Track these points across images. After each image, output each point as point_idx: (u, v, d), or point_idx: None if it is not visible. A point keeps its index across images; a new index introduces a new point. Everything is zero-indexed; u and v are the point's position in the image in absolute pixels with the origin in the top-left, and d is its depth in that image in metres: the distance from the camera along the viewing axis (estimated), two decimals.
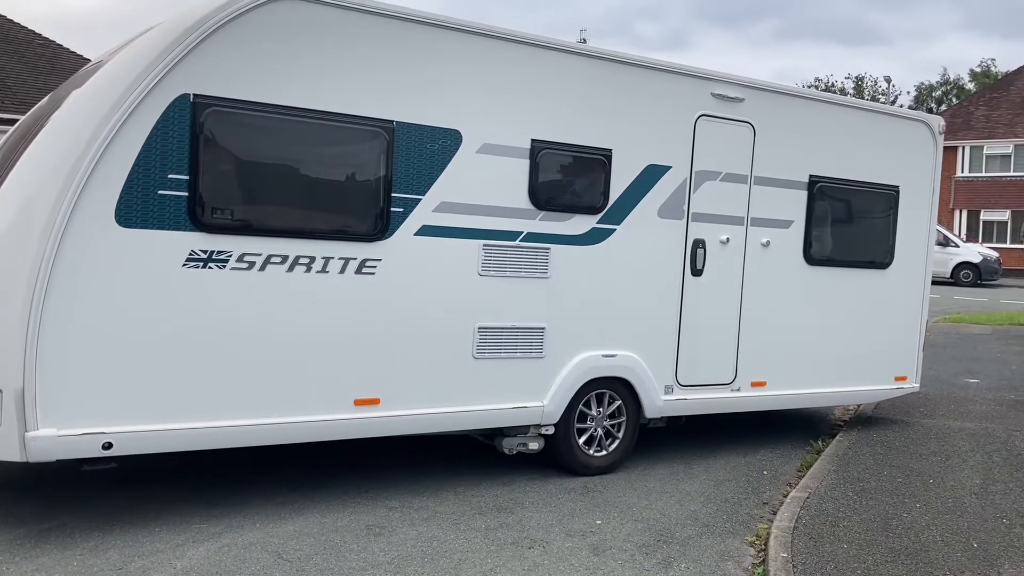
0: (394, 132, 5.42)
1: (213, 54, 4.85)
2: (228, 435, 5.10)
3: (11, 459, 4.60)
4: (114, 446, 4.74)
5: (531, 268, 6.00)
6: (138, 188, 4.70)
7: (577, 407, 6.35)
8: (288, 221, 5.19)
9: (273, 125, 5.09)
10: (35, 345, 4.50)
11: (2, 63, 18.12)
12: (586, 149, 6.21)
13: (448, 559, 4.85)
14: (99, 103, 4.66)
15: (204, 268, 4.92)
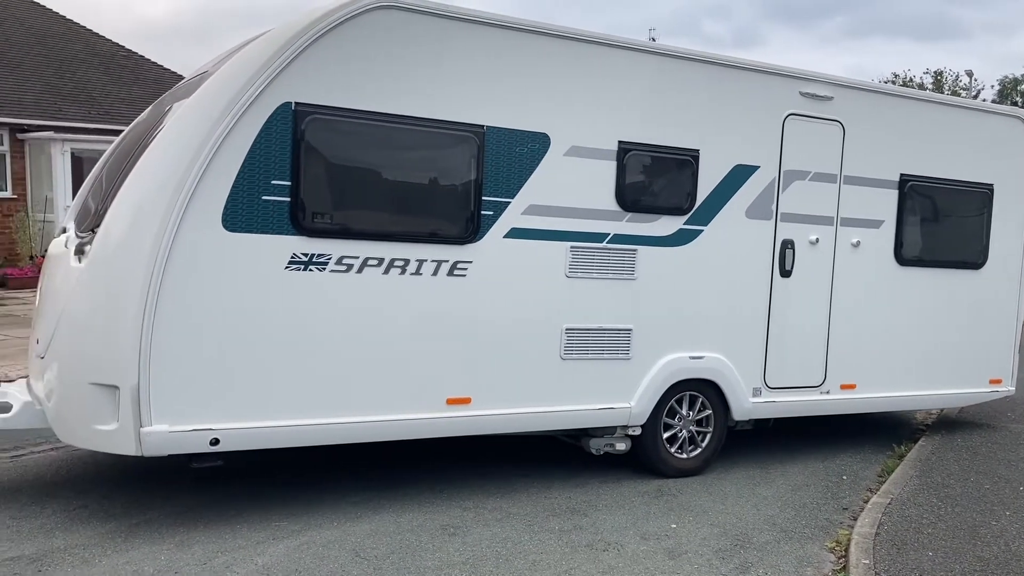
0: (484, 136, 5.55)
1: (313, 63, 5.04)
2: (327, 432, 5.28)
3: (127, 453, 4.85)
4: (221, 442, 4.96)
5: (618, 270, 6.06)
6: (243, 194, 4.92)
7: (664, 409, 6.39)
8: (384, 225, 5.37)
9: (369, 131, 5.26)
10: (149, 344, 4.75)
11: (89, 75, 18.98)
12: (673, 150, 6.24)
13: (523, 560, 4.94)
14: (206, 114, 4.88)
15: (305, 270, 5.12)
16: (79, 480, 5.92)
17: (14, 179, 16.67)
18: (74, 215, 5.98)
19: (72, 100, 17.83)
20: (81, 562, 4.64)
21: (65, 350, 5.11)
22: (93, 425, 4.90)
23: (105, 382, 4.83)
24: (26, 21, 19.53)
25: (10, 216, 16.46)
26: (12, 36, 18.77)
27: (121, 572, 4.54)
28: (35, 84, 17.73)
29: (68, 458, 6.33)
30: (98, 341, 4.91)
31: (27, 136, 16.60)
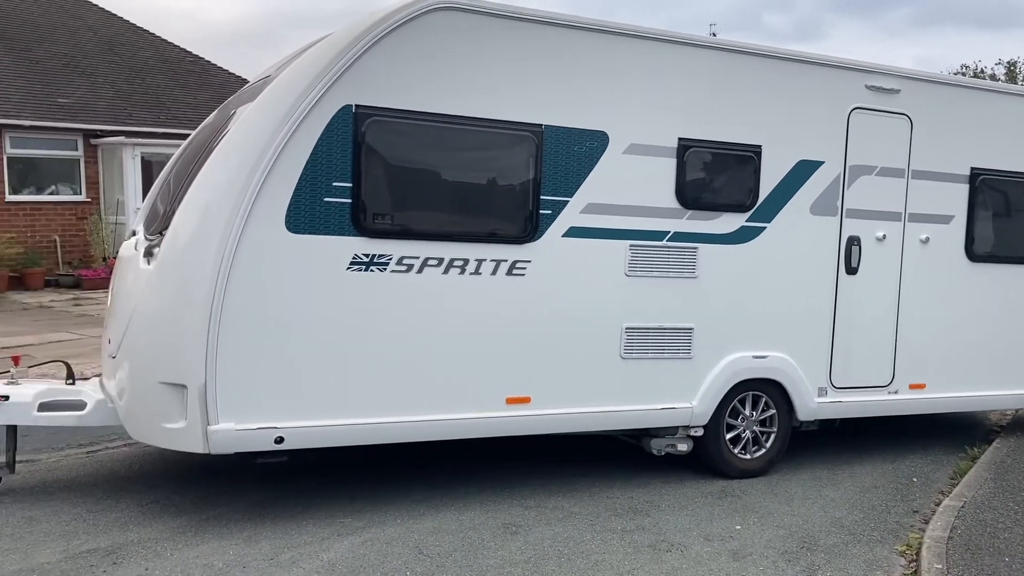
0: (543, 135, 5.55)
1: (373, 66, 5.10)
2: (388, 431, 5.35)
3: (195, 451, 4.98)
4: (285, 440, 5.06)
5: (678, 268, 6.01)
6: (306, 196, 5.00)
7: (727, 409, 6.31)
8: (443, 225, 5.41)
9: (428, 132, 5.31)
10: (215, 344, 4.86)
11: (157, 80, 19.49)
12: (734, 146, 6.16)
13: (585, 560, 4.93)
14: (269, 117, 4.98)
15: (366, 271, 5.19)
16: (151, 476, 6.09)
17: (88, 183, 17.21)
18: (143, 218, 6.14)
19: (142, 106, 18.33)
20: (153, 555, 4.76)
21: (135, 350, 5.25)
22: (162, 423, 5.03)
23: (174, 381, 4.96)
24: (99, 30, 20.14)
25: (84, 219, 16.99)
26: (85, 45, 19.37)
27: (191, 566, 4.64)
28: (107, 91, 18.26)
29: (140, 454, 6.51)
30: (167, 341, 5.04)
31: (100, 141, 17.12)
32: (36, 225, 16.59)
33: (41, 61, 18.07)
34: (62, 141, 16.89)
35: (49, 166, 16.98)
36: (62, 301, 14.55)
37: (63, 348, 9.98)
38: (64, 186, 17.12)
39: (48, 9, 19.86)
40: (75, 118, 16.98)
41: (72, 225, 16.96)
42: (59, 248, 16.80)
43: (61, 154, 16.98)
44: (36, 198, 16.71)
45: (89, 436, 6.71)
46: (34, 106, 16.69)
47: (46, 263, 16.46)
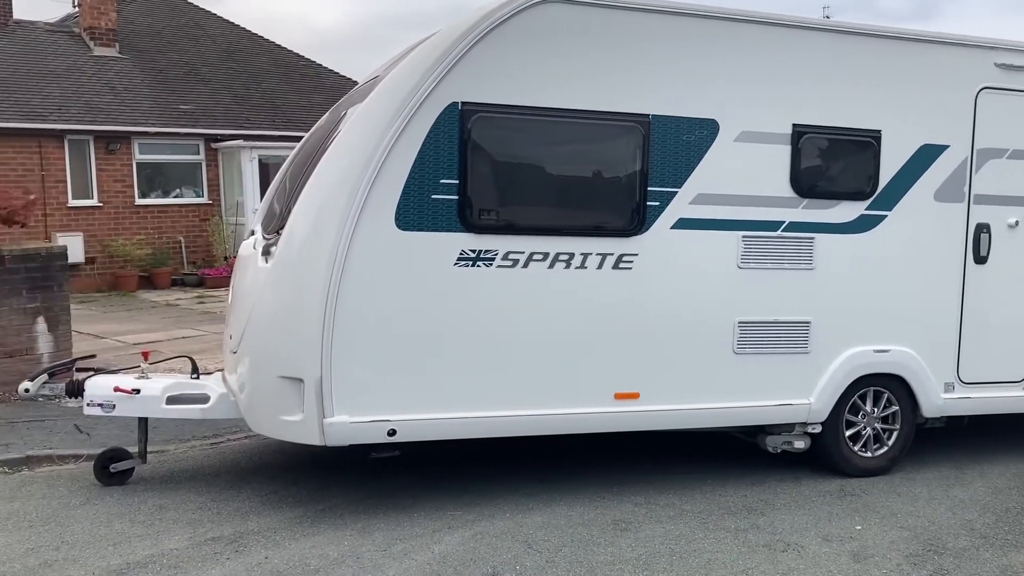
0: (650, 125, 5.46)
1: (478, 62, 5.13)
2: (499, 425, 5.38)
3: (311, 443, 5.13)
4: (397, 433, 5.15)
5: (794, 259, 5.82)
6: (414, 194, 5.08)
7: (847, 405, 6.08)
8: (548, 219, 5.41)
9: (533, 127, 5.31)
10: (330, 339, 4.99)
11: (273, 85, 20.16)
12: (852, 131, 5.92)
13: (697, 558, 4.83)
14: (378, 117, 5.07)
15: (473, 267, 5.22)
16: (270, 467, 6.30)
17: (209, 186, 17.97)
18: (261, 218, 6.35)
19: (258, 110, 19.00)
20: (273, 544, 4.92)
21: (255, 345, 5.44)
22: (280, 416, 5.19)
23: (291, 375, 5.10)
24: (218, 38, 20.97)
25: (206, 220, 17.75)
26: (206, 53, 20.21)
27: (308, 556, 4.78)
28: (226, 97, 19.01)
29: (260, 446, 6.74)
30: (284, 337, 5.20)
31: (220, 145, 17.84)
32: (163, 227, 17.43)
33: (165, 70, 18.96)
34: (185, 146, 17.69)
35: (173, 170, 17.82)
36: (187, 299, 15.24)
37: (188, 344, 10.45)
38: (187, 189, 17.92)
39: (172, 20, 20.81)
40: (197, 124, 17.75)
41: (195, 226, 17.75)
42: (184, 248, 17.60)
43: (184, 158, 17.80)
44: (162, 201, 17.56)
45: (213, 428, 6.98)
46: (159, 113, 17.53)
47: (172, 263, 17.28)
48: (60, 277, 8.56)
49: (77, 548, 4.85)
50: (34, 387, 5.92)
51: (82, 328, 11.25)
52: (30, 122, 15.88)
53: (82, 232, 16.35)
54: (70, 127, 16.23)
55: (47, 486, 5.87)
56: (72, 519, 5.28)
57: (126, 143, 16.93)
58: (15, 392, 7.66)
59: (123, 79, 18.04)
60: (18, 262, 8.26)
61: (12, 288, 8.20)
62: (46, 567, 4.61)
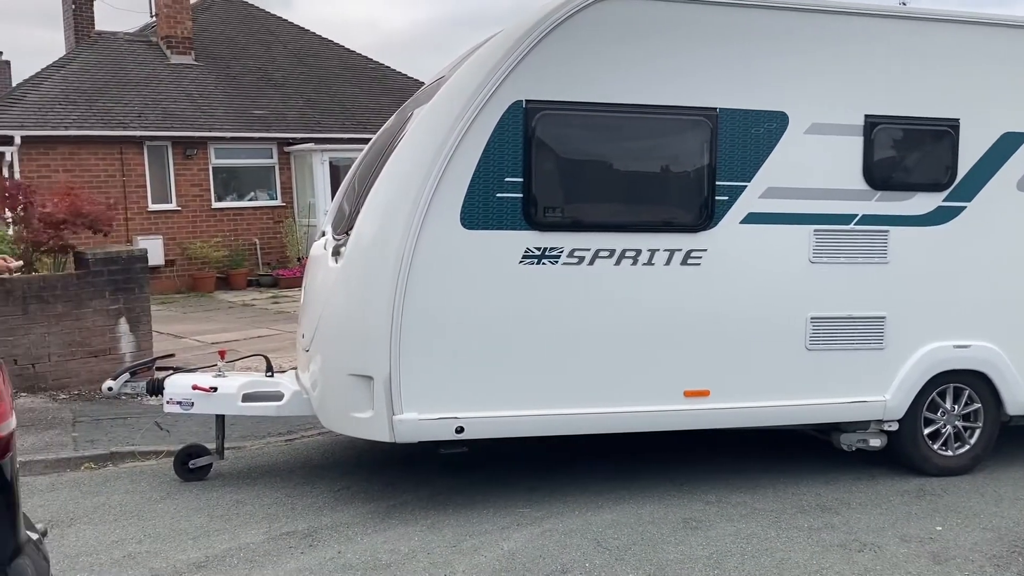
0: (717, 119, 5.39)
1: (541, 60, 5.13)
2: (565, 423, 5.39)
3: (381, 439, 5.22)
4: (465, 430, 5.20)
5: (868, 253, 5.68)
6: (479, 193, 5.11)
7: (925, 402, 5.91)
8: (614, 215, 5.39)
9: (598, 123, 5.31)
10: (398, 337, 5.06)
11: (342, 88, 20.48)
12: (928, 121, 5.76)
13: (769, 557, 4.75)
14: (442, 117, 5.13)
15: (538, 264, 5.23)
16: (342, 463, 6.41)
17: (282, 188, 18.35)
18: (331, 219, 6.46)
19: (328, 113, 19.33)
20: (345, 539, 5.01)
21: (326, 344, 5.54)
22: (351, 413, 5.28)
23: (361, 373, 5.19)
24: (289, 43, 21.40)
25: (280, 222, 18.13)
26: (277, 58, 20.65)
27: (379, 551, 4.85)
28: (298, 101, 19.39)
29: (332, 443, 6.87)
30: (354, 335, 5.29)
31: (292, 149, 18.21)
32: (238, 229, 17.87)
33: (238, 76, 19.42)
34: (258, 150, 18.11)
35: (247, 173, 18.25)
36: (262, 299, 15.60)
37: (263, 343, 10.70)
38: (261, 192, 18.34)
39: (244, 27, 21.30)
40: (270, 128, 18.15)
41: (269, 228, 18.15)
42: (258, 250, 18.02)
43: (258, 162, 18.22)
44: (237, 204, 18.00)
45: (287, 425, 7.14)
46: (234, 118, 17.98)
47: (247, 264, 17.71)
48: (141, 279, 8.86)
49: (159, 541, 5.02)
50: (116, 385, 6.14)
51: (162, 328, 11.60)
52: (112, 130, 16.46)
53: (161, 235, 16.87)
54: (149, 134, 16.78)
55: (130, 481, 6.08)
56: (154, 513, 5.45)
57: (202, 148, 17.41)
58: (99, 390, 7.95)
59: (199, 86, 18.54)
60: (101, 265, 8.58)
61: (96, 290, 8.51)
62: (130, 559, 4.78)
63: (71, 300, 8.38)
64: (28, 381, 8.19)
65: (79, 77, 17.48)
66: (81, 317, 8.44)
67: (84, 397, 8.23)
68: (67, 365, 8.38)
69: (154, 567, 4.68)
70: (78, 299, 8.42)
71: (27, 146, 15.59)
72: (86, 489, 5.93)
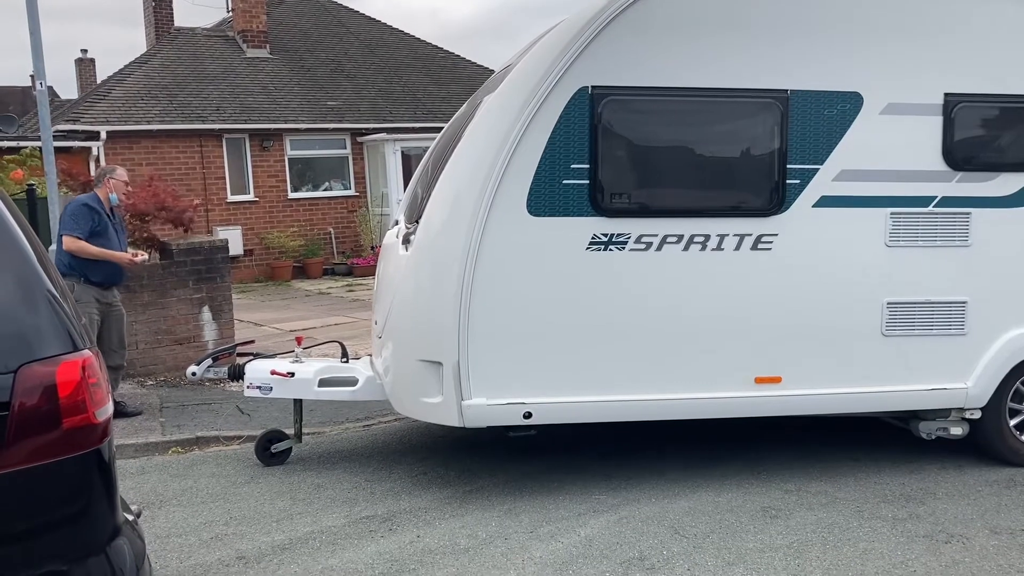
0: (788, 101, 5.31)
1: (607, 46, 5.13)
2: (633, 409, 5.40)
3: (451, 424, 5.30)
4: (533, 415, 5.24)
5: (948, 236, 5.52)
6: (545, 179, 5.14)
7: (1010, 390, 5.73)
8: (682, 201, 5.37)
9: (664, 108, 5.29)
10: (467, 323, 5.13)
11: (413, 78, 20.65)
12: (1011, 98, 5.57)
13: (852, 548, 4.66)
14: (509, 105, 5.16)
15: (605, 251, 5.23)
16: (419, 448, 6.49)
17: (355, 178, 18.63)
18: (404, 208, 6.54)
19: (400, 103, 19.51)
20: (424, 523, 5.07)
21: (397, 330, 5.66)
22: (421, 398, 5.38)
23: (430, 359, 5.29)
24: (361, 35, 21.65)
25: (354, 212, 18.41)
26: (349, 50, 20.90)
27: (458, 535, 4.90)
28: (370, 91, 19.62)
29: (409, 428, 6.96)
30: (423, 322, 5.39)
31: (364, 139, 18.46)
32: (313, 219, 18.20)
33: (312, 68, 19.73)
34: (332, 140, 18.41)
35: (322, 164, 18.57)
36: (337, 288, 15.86)
37: (339, 331, 10.88)
38: (335, 182, 18.64)
39: (317, 19, 21.63)
40: (343, 119, 18.42)
41: (343, 218, 18.45)
42: (333, 239, 18.33)
43: (332, 153, 18.52)
44: (312, 194, 18.33)
45: (365, 411, 7.25)
46: (308, 110, 18.29)
47: (323, 253, 18.04)
48: (222, 268, 9.10)
49: (244, 524, 5.15)
50: (200, 371, 6.37)
51: (242, 316, 11.90)
52: (191, 123, 16.93)
53: (240, 226, 17.29)
54: (227, 126, 17.19)
55: (215, 465, 6.26)
56: (238, 496, 5.60)
57: (278, 140, 17.77)
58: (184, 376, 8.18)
59: (274, 79, 18.91)
60: (184, 255, 8.83)
61: (179, 280, 8.78)
62: (217, 541, 4.92)
63: (156, 289, 8.66)
64: None
65: (160, 73, 17.99)
66: (166, 306, 8.71)
67: (170, 383, 8.50)
68: (154, 352, 8.66)
69: (240, 549, 4.81)
70: (163, 288, 8.69)
71: (112, 141, 16.12)
72: (174, 472, 6.13)
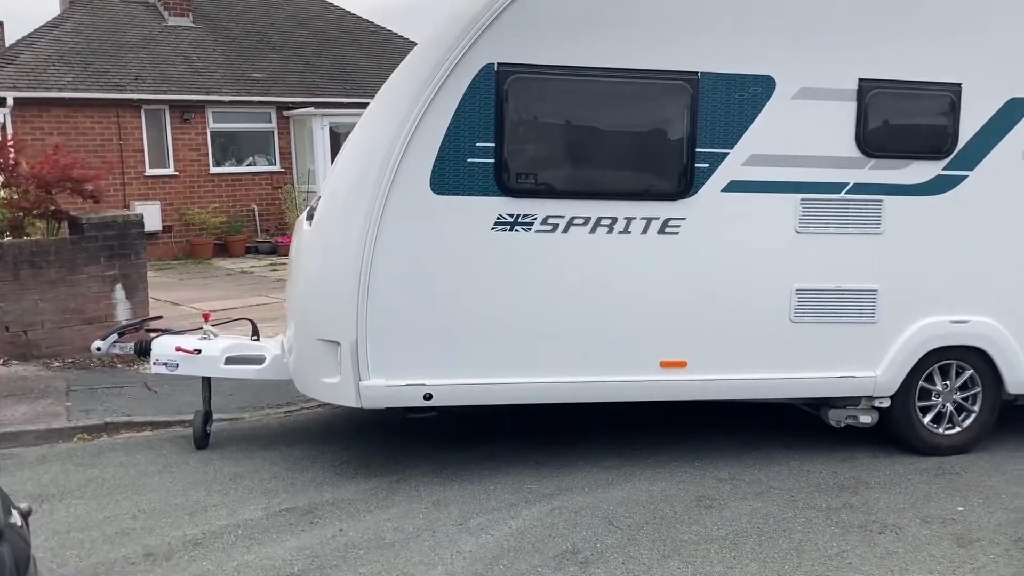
0: (698, 84, 5.28)
1: (514, 22, 5.05)
2: (537, 391, 5.38)
3: (348, 405, 5.25)
4: (434, 397, 5.21)
5: (860, 223, 5.54)
6: (449, 157, 5.07)
7: (919, 379, 5.82)
8: (589, 183, 5.36)
9: (572, 87, 5.24)
10: (365, 303, 5.07)
11: (343, 52, 20.14)
12: (927, 85, 5.60)
13: (788, 539, 4.60)
14: (411, 81, 5.09)
15: (511, 231, 5.19)
16: (345, 436, 6.29)
17: (281, 154, 18.10)
18: None
19: (329, 77, 19.02)
20: (348, 516, 4.87)
21: (299, 308, 5.62)
22: (321, 378, 5.33)
23: (329, 338, 5.23)
24: (288, 6, 21.05)
25: (279, 188, 17.90)
26: (277, 21, 20.30)
27: (383, 528, 4.70)
28: (297, 64, 19.08)
29: (334, 415, 6.74)
30: (323, 300, 5.33)
31: (291, 113, 17.95)
32: (236, 195, 17.64)
33: (237, 38, 19.11)
34: (257, 114, 17.85)
35: (246, 138, 18.01)
36: (261, 267, 15.40)
37: (261, 311, 10.53)
38: (260, 157, 18.09)
39: None
40: (268, 92, 17.87)
41: (268, 194, 17.93)
42: (257, 216, 17.82)
43: (256, 127, 17.96)
44: (236, 169, 17.78)
45: (287, 396, 6.98)
46: (232, 82, 17.69)
47: (246, 231, 17.53)
48: (137, 245, 8.70)
49: (154, 517, 4.88)
50: (105, 346, 6.23)
51: (160, 295, 11.44)
52: (108, 92, 16.20)
53: (159, 200, 16.67)
54: (146, 97, 16.51)
55: (125, 453, 5.95)
56: (149, 487, 5.31)
57: (200, 112, 17.15)
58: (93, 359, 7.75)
59: (197, 48, 18.24)
60: (96, 230, 8.41)
61: (90, 256, 8.36)
62: (123, 536, 4.63)
63: (65, 266, 8.24)
64: (20, 348, 8.08)
65: (73, 38, 17.17)
66: (76, 283, 8.31)
67: (79, 365, 8.10)
68: (61, 332, 8.25)
69: (148, 544, 4.54)
70: (72, 265, 8.27)
71: (20, 108, 15.33)
72: (79, 461, 5.80)
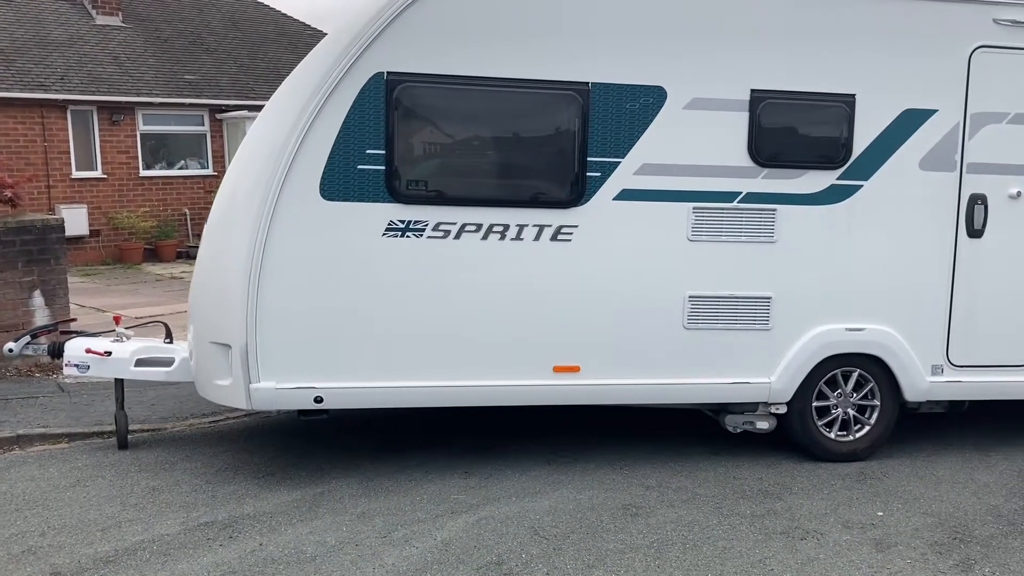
0: (589, 94, 5.38)
1: (404, 31, 5.14)
2: (429, 395, 5.47)
3: (239, 407, 5.36)
4: (324, 400, 5.31)
5: (753, 231, 5.63)
6: (340, 163, 5.17)
7: (816, 386, 5.91)
8: (482, 190, 5.46)
9: (463, 96, 5.34)
10: (255, 307, 5.16)
11: (278, 55, 19.88)
12: (820, 96, 5.67)
13: (712, 546, 4.62)
14: (302, 86, 5.18)
15: (402, 237, 5.28)
16: (269, 447, 6.17)
17: (214, 157, 17.78)
18: None
19: (263, 80, 18.75)
20: (268, 530, 4.76)
21: (195, 310, 5.72)
22: (214, 380, 5.44)
23: (220, 341, 5.32)
24: (222, 7, 20.76)
25: (212, 192, 17.49)
26: (211, 22, 19.99)
27: (304, 542, 4.60)
28: (231, 66, 18.79)
29: (259, 425, 6.63)
30: (214, 303, 5.43)
31: (224, 116, 17.69)
32: (168, 199, 17.30)
33: (169, 39, 18.77)
34: (189, 116, 17.55)
35: (178, 141, 17.67)
36: (192, 272, 14.98)
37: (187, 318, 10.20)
38: (192, 161, 17.75)
39: None
40: (201, 94, 17.57)
41: (200, 198, 17.61)
42: (189, 221, 17.49)
43: (188, 129, 17.66)
44: (167, 173, 17.45)
45: (212, 406, 6.72)
46: (163, 83, 17.35)
47: (177, 235, 17.22)
48: (58, 250, 8.45)
49: (64, 533, 4.70)
50: (18, 347, 6.20)
51: (84, 301, 11.13)
52: (32, 92, 15.76)
53: (86, 204, 16.28)
54: (73, 97, 16.10)
55: (38, 467, 5.74)
56: (61, 502, 5.12)
57: (130, 114, 16.79)
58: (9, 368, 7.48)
59: (126, 48, 17.84)
60: (13, 235, 8.14)
61: (7, 261, 8.10)
62: (30, 554, 4.46)
63: None
64: None
65: None
66: None
67: None
68: None
69: (56, 563, 4.37)
70: None
71: None
72: None
